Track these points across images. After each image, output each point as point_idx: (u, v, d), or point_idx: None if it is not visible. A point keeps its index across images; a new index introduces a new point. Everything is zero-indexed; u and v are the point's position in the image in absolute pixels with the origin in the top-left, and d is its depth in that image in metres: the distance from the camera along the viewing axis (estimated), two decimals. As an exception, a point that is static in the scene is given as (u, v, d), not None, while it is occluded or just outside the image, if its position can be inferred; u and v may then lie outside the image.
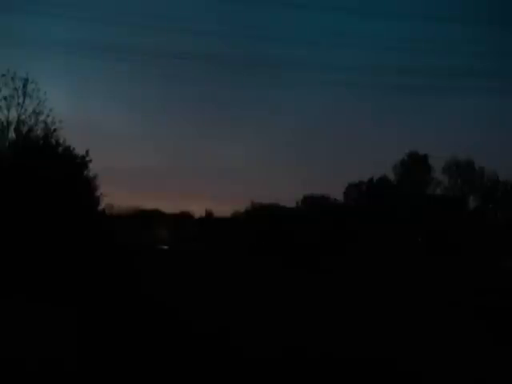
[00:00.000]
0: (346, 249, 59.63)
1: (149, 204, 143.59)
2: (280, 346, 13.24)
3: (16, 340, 12.83)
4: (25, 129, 34.82)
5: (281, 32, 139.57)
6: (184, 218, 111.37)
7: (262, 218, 76.26)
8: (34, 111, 34.67)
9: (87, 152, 40.10)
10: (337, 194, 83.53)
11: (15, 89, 34.28)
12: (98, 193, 45.03)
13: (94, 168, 41.78)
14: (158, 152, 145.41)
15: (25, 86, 34.51)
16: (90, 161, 40.48)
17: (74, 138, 56.29)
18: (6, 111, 34.25)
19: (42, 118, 35.06)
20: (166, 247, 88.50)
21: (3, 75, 33.95)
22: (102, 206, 49.26)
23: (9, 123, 34.40)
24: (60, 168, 35.28)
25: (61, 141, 37.24)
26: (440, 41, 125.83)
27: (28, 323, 15.23)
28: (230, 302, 22.12)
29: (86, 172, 40.82)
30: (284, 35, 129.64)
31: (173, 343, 13.11)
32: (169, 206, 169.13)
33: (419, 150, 74.20)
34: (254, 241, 70.50)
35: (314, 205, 78.67)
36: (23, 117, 34.60)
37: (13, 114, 34.32)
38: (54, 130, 35.94)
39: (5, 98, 34.08)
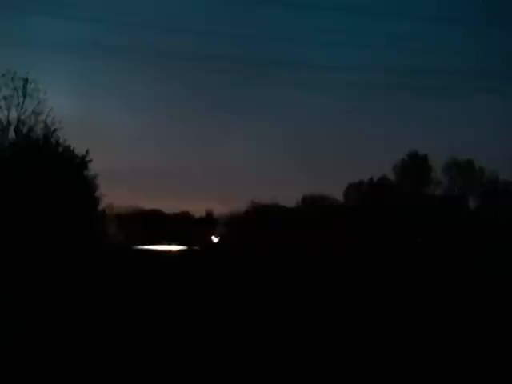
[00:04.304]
0: (346, 249, 59.61)
1: (149, 204, 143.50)
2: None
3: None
4: (25, 129, 34.84)
5: (281, 32, 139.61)
6: (184, 217, 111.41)
7: (261, 218, 76.24)
8: (33, 111, 34.73)
9: (87, 152, 40.22)
10: (337, 193, 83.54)
11: (15, 89, 34.34)
12: (97, 193, 45.20)
13: (93, 168, 41.90)
14: (158, 152, 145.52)
15: (25, 86, 34.57)
16: (90, 161, 40.59)
17: (73, 138, 56.40)
18: (6, 111, 34.32)
19: (41, 118, 35.14)
20: (164, 247, 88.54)
21: (3, 75, 34.03)
22: (101, 206, 49.43)
23: (9, 123, 34.43)
24: (60, 168, 35.32)
25: (61, 141, 37.33)
26: (440, 41, 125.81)
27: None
28: (229, 302, 22.12)
29: (85, 172, 40.91)
30: (284, 35, 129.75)
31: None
32: (169, 206, 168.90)
33: (419, 150, 74.34)
34: (254, 240, 70.48)
35: (314, 205, 78.66)
36: (23, 117, 34.65)
37: (13, 114, 34.39)
38: (54, 130, 36.01)
39: (5, 98, 34.15)
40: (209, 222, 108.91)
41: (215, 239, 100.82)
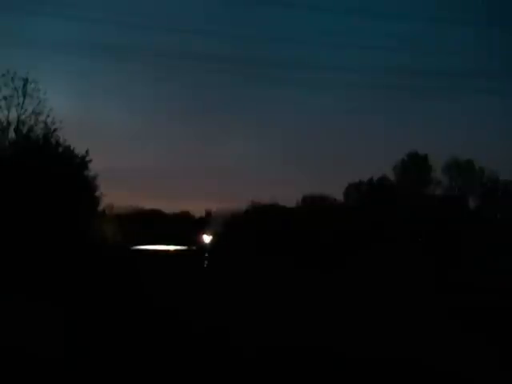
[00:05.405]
0: (346, 249, 59.59)
1: (149, 204, 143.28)
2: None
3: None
4: (25, 129, 34.85)
5: (281, 32, 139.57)
6: (184, 217, 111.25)
7: (261, 218, 76.18)
8: (33, 111, 34.75)
9: (87, 152, 40.20)
10: (337, 193, 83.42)
11: (15, 89, 34.35)
12: (97, 193, 45.18)
13: (94, 168, 41.86)
14: (158, 152, 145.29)
15: (25, 86, 34.59)
16: (90, 161, 40.58)
17: (73, 138, 56.33)
18: (6, 111, 34.33)
19: (41, 118, 35.15)
20: (162, 247, 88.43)
21: (3, 75, 34.05)
22: (101, 206, 49.42)
23: (9, 123, 34.44)
24: (60, 168, 35.33)
25: (61, 141, 37.34)
26: (440, 42, 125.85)
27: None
28: (228, 302, 22.12)
29: (86, 172, 40.91)
30: (284, 35, 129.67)
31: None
32: (169, 206, 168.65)
33: (419, 150, 74.24)
34: (254, 240, 70.44)
35: (314, 205, 78.60)
36: (23, 117, 34.66)
37: (13, 114, 34.41)
38: (54, 130, 36.03)
39: (5, 98, 34.17)
40: (209, 222, 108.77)
41: (207, 238, 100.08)
